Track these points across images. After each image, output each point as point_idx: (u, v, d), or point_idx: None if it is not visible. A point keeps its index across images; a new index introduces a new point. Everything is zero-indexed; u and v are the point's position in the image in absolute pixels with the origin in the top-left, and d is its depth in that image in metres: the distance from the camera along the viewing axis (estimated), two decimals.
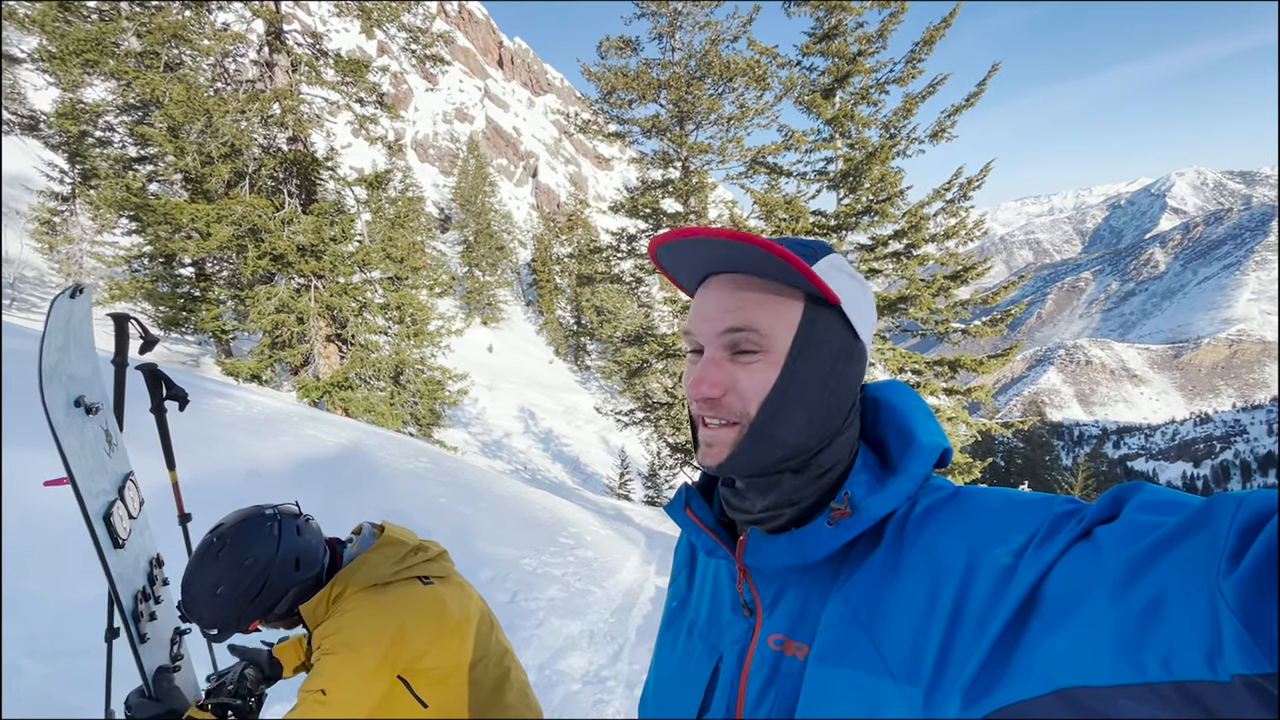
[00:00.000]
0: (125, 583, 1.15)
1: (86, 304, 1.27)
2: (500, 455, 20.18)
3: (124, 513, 1.18)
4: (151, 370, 1.59)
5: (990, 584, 0.47)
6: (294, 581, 1.21)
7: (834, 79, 10.88)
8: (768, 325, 0.57)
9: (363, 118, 11.69)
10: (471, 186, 45.95)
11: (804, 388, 0.58)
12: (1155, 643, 0.37)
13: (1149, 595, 0.38)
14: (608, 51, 14.27)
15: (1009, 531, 0.49)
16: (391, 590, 1.24)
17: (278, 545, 1.20)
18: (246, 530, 1.19)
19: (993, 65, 9.93)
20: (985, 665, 0.45)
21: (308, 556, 1.24)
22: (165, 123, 10.27)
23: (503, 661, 1.45)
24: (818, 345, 0.58)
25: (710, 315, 0.59)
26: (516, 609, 4.02)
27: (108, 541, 1.11)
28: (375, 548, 1.30)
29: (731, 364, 0.59)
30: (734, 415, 0.59)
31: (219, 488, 3.99)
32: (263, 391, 10.62)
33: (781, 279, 0.57)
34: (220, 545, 1.16)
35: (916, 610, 0.51)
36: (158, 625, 1.26)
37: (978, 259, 10.59)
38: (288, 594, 1.21)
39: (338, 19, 11.86)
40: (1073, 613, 0.42)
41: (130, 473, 1.28)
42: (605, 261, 15.87)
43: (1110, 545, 0.42)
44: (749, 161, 12.95)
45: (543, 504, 6.97)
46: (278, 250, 10.85)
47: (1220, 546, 0.36)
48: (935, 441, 0.60)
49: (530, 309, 49.97)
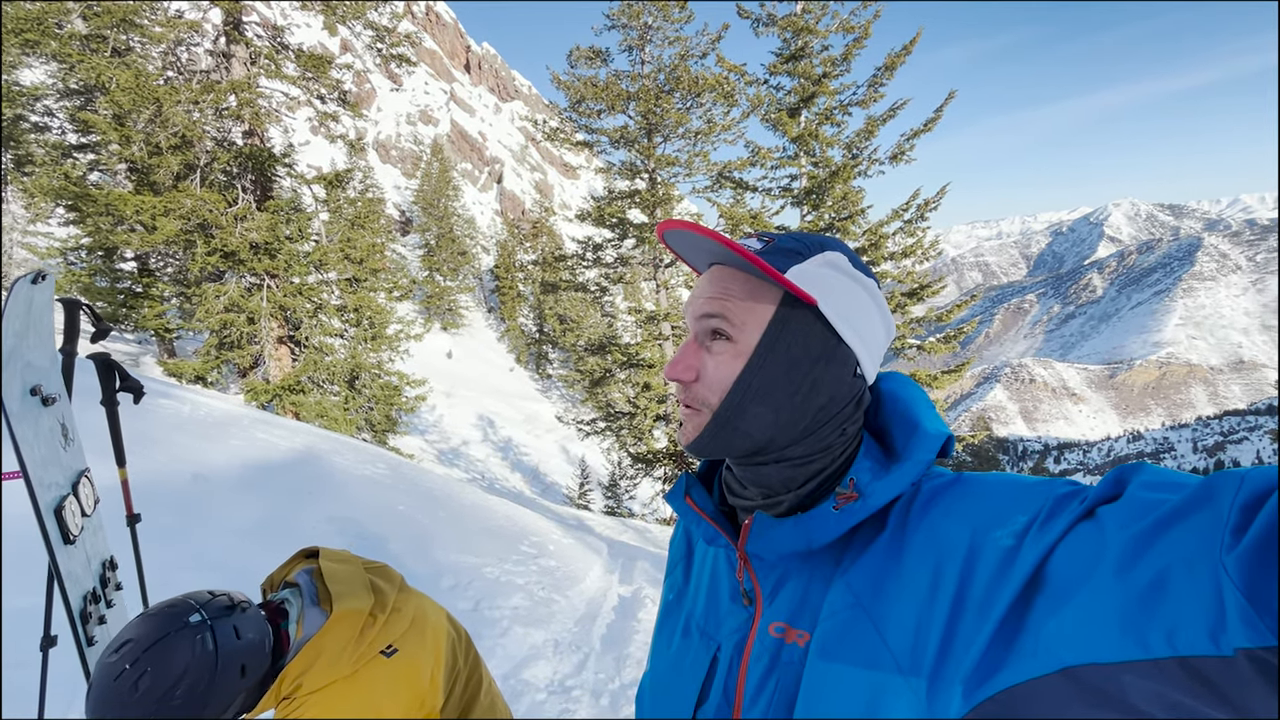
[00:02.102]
0: (74, 581, 1.07)
1: (48, 292, 1.20)
2: (458, 464, 19.78)
3: (77, 509, 1.11)
4: (104, 360, 1.49)
5: (993, 566, 0.47)
6: (238, 691, 0.95)
7: (800, 99, 11.17)
8: (740, 318, 0.59)
9: (324, 115, 11.39)
10: (434, 190, 45.20)
11: (770, 385, 0.58)
12: (1160, 619, 0.37)
13: (1153, 572, 0.38)
14: (578, 61, 14.31)
15: (1011, 513, 0.49)
16: (356, 680, 1.04)
17: (215, 663, 0.90)
18: (168, 652, 0.87)
19: (949, 93, 10.37)
20: (990, 647, 0.45)
21: (253, 660, 0.97)
22: (110, 109, 9.80)
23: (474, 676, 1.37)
24: (788, 345, 0.58)
25: (695, 299, 0.62)
26: (480, 617, 3.92)
27: (57, 536, 1.03)
28: (327, 630, 1.06)
29: (705, 350, 0.61)
30: (702, 400, 0.60)
31: (163, 491, 3.78)
32: (209, 393, 10.15)
33: (764, 276, 0.59)
34: (137, 674, 0.85)
35: (920, 594, 0.50)
36: (108, 629, 1.18)
37: (933, 278, 10.99)
38: (230, 706, 0.95)
39: (300, 13, 11.55)
40: (1077, 591, 0.42)
41: (86, 469, 1.20)
42: (570, 270, 15.82)
43: (1114, 523, 0.42)
44: (715, 176, 13.14)
45: (504, 512, 6.85)
46: (229, 247, 10.42)
47: (1223, 522, 0.36)
48: (938, 429, 0.60)
49: (492, 315, 49.32)
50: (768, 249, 0.60)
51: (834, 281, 0.60)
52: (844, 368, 0.60)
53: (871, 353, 0.62)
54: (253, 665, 0.96)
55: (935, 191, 10.52)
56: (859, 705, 0.49)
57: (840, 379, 0.60)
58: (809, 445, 0.60)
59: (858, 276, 0.62)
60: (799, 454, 0.60)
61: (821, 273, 0.59)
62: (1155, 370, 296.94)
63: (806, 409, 0.59)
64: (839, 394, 0.60)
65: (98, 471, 1.76)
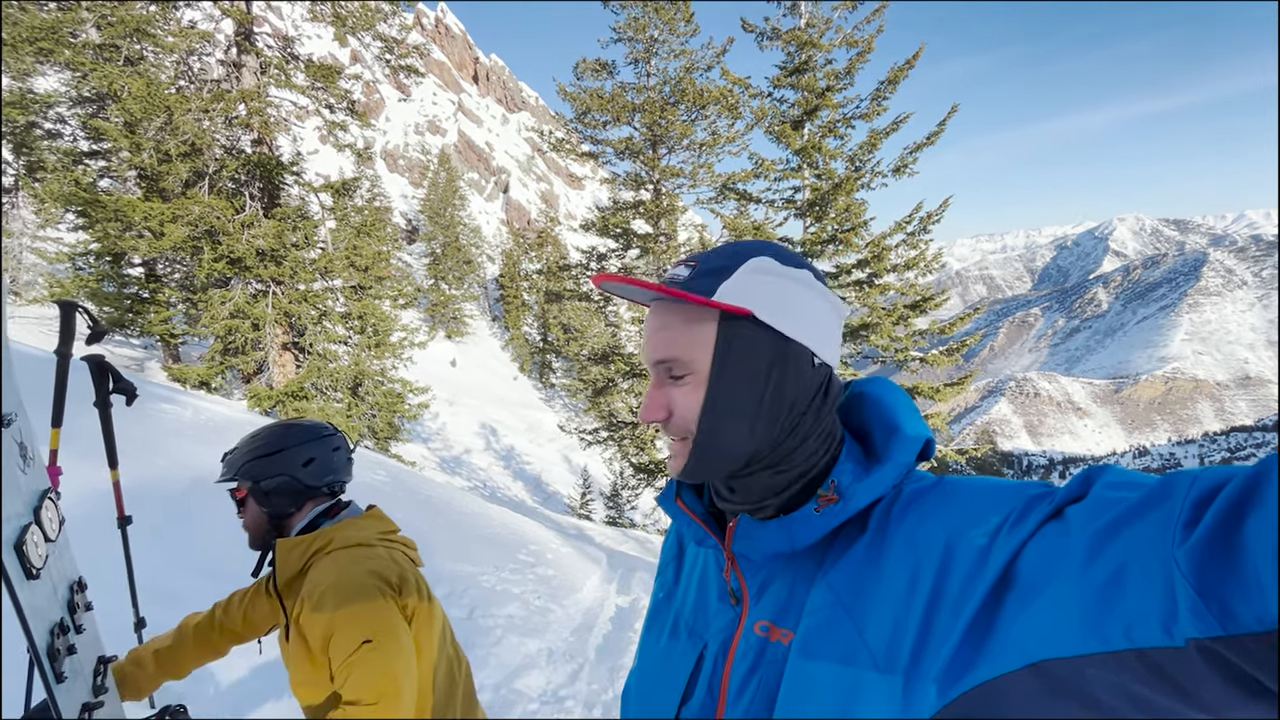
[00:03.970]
0: (39, 617, 1.02)
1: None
2: (459, 472, 19.75)
3: (39, 537, 1.05)
4: (98, 362, 1.51)
5: (968, 565, 0.48)
6: (294, 472, 1.31)
7: (803, 111, 11.23)
8: (687, 353, 0.61)
9: (332, 124, 11.50)
10: (441, 199, 45.50)
11: (734, 401, 0.60)
12: (1118, 612, 0.39)
13: (1111, 567, 0.40)
14: (584, 73, 14.42)
15: (986, 514, 0.50)
16: (375, 549, 1.29)
17: (309, 441, 1.35)
18: (306, 424, 1.39)
19: (952, 107, 10.41)
20: (962, 645, 0.46)
21: (320, 468, 1.35)
22: (122, 117, 9.91)
23: (460, 666, 1.45)
24: (739, 359, 0.60)
25: (646, 345, 0.64)
26: (474, 625, 3.90)
27: (19, 573, 0.98)
28: (364, 516, 1.39)
29: (671, 387, 0.62)
30: (681, 432, 0.62)
31: (159, 494, 3.79)
32: (212, 399, 10.18)
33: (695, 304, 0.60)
34: (288, 422, 1.38)
35: (898, 594, 0.52)
36: (79, 659, 1.13)
37: (935, 290, 10.96)
38: (282, 478, 1.30)
39: (310, 24, 11.69)
40: (1044, 588, 0.43)
41: (48, 489, 1.14)
42: (574, 279, 15.86)
43: (1078, 522, 0.44)
44: (719, 187, 13.18)
45: (502, 521, 6.83)
46: (236, 253, 10.50)
47: (1175, 518, 0.37)
48: (919, 432, 0.61)
49: (496, 324, 49.43)
50: (694, 274, 0.61)
51: (765, 285, 0.61)
52: (801, 362, 0.61)
53: (823, 338, 0.63)
54: (317, 469, 1.34)
55: (938, 204, 10.53)
56: (836, 701, 0.51)
57: (801, 374, 0.61)
58: (789, 445, 0.61)
59: (787, 272, 0.62)
60: (782, 456, 0.61)
61: (751, 280, 0.60)
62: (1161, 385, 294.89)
63: (777, 413, 0.60)
64: (804, 388, 0.61)
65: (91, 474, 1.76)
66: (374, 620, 1.14)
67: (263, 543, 1.36)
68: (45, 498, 1.12)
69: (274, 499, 1.31)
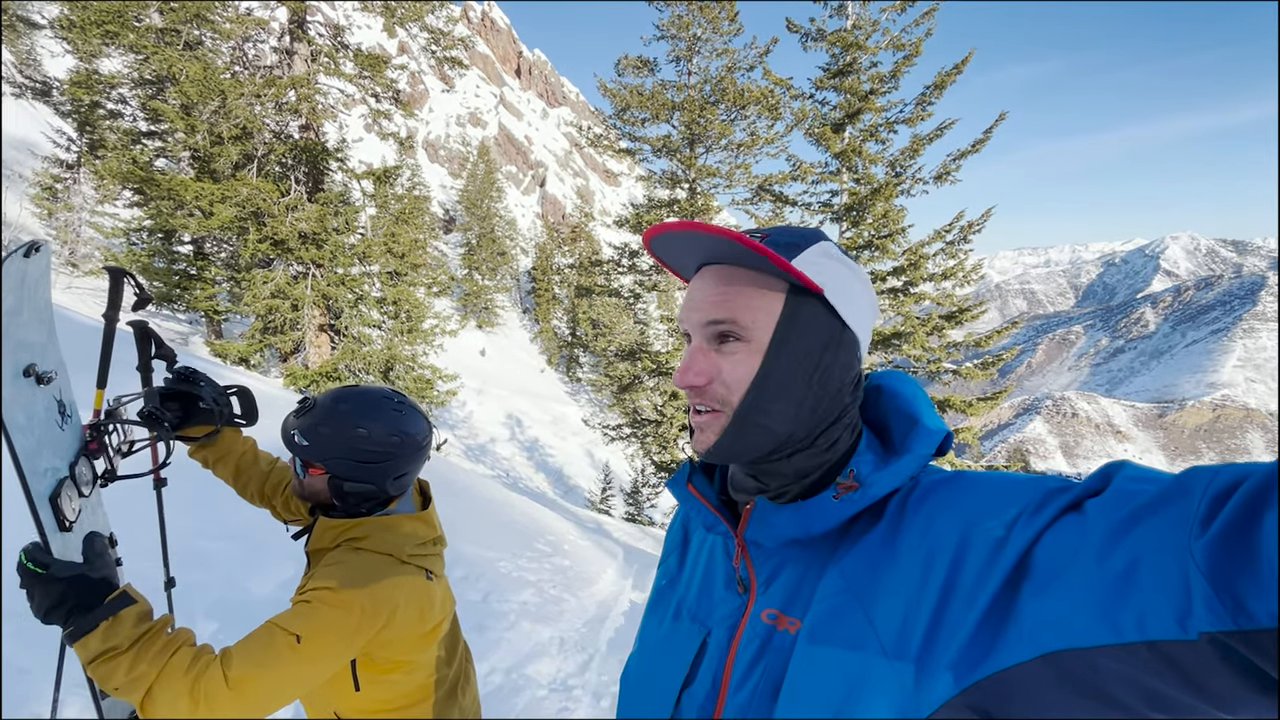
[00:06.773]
0: None
1: (43, 263, 1.16)
2: (484, 460, 20.03)
3: (74, 491, 1.08)
4: (142, 327, 1.57)
5: (983, 555, 0.48)
6: (385, 484, 1.24)
7: (845, 114, 11.06)
8: (749, 317, 0.59)
9: (377, 113, 11.75)
10: (479, 190, 46.13)
11: (787, 377, 0.59)
12: (1131, 604, 0.39)
13: (1127, 559, 0.40)
14: (625, 70, 14.45)
15: (1003, 506, 0.50)
16: (402, 570, 1.20)
17: (411, 454, 1.27)
18: (413, 430, 1.28)
19: (1000, 114, 10.13)
20: (977, 633, 0.46)
21: (408, 480, 1.29)
22: (179, 100, 10.29)
23: (466, 662, 1.44)
24: (800, 335, 0.59)
25: (697, 305, 0.62)
26: (488, 610, 3.96)
27: (52, 524, 1.01)
28: (411, 518, 1.28)
29: (716, 353, 0.61)
30: (718, 403, 0.61)
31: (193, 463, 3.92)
32: (250, 375, 10.52)
33: (765, 270, 0.59)
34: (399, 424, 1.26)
35: (911, 583, 0.51)
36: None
37: (973, 302, 10.69)
38: (369, 487, 1.23)
39: (361, 15, 11.96)
40: (1059, 578, 0.43)
41: (84, 445, 1.18)
42: (605, 275, 15.92)
43: (1096, 514, 0.44)
44: (755, 188, 13.07)
45: (523, 509, 6.91)
46: (279, 235, 10.82)
47: (1193, 513, 0.38)
48: (938, 426, 0.61)
49: (526, 316, 49.94)
50: (769, 242, 0.60)
51: (833, 269, 0.61)
52: (850, 352, 0.61)
53: (867, 336, 0.64)
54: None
55: (980, 214, 10.27)
56: (842, 687, 0.51)
57: (847, 364, 0.61)
58: (826, 430, 0.62)
59: (849, 263, 0.63)
60: (812, 444, 0.62)
61: (821, 261, 0.60)
62: (1209, 412, 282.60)
63: (822, 397, 0.60)
64: (845, 379, 0.62)
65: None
66: (325, 630, 1.04)
67: (309, 505, 1.36)
68: (81, 454, 1.18)
69: (350, 499, 1.25)
